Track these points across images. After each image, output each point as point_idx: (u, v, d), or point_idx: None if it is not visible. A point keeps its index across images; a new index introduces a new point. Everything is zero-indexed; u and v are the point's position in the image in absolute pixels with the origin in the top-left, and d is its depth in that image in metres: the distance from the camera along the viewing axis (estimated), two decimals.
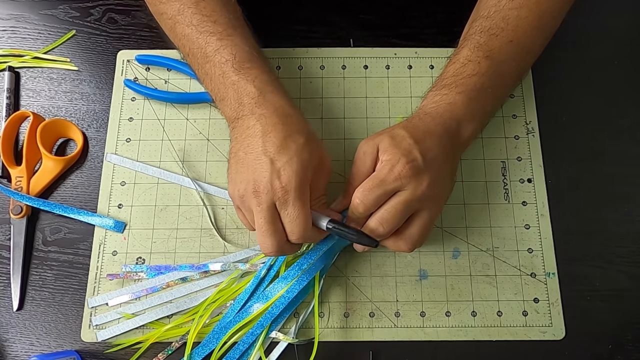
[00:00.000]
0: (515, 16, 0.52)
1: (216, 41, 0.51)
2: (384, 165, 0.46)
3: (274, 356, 0.52)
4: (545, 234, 0.56)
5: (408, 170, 0.46)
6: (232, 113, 0.50)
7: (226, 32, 0.51)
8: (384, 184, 0.46)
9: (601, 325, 0.54)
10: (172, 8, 0.53)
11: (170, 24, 0.54)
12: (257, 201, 0.45)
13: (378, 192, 0.46)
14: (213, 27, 0.51)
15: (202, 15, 0.52)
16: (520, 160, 0.59)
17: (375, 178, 0.46)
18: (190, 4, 0.52)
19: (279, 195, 0.45)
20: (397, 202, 0.46)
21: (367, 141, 0.49)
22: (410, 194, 0.46)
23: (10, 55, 0.64)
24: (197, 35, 0.51)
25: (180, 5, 0.52)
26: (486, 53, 0.51)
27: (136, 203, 0.58)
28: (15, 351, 0.53)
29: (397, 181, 0.46)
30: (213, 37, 0.51)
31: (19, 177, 0.57)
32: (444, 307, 0.54)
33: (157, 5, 0.55)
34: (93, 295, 0.54)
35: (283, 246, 0.46)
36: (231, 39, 0.51)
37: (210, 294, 0.53)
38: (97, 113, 0.62)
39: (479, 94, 0.51)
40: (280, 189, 0.45)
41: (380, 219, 0.46)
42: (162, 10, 0.54)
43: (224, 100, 0.51)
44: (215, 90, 0.52)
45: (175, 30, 0.54)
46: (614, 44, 0.65)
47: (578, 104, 0.62)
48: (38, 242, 0.57)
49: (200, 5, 0.52)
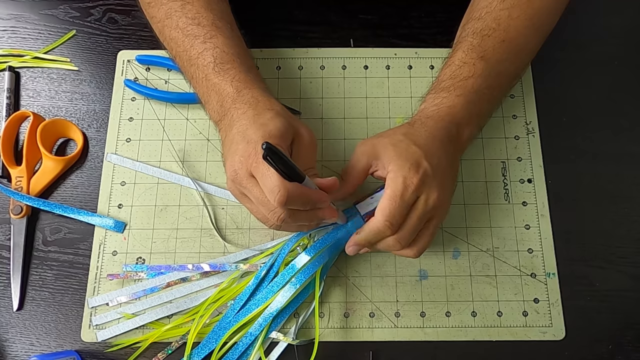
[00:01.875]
0: (507, 16, 0.52)
1: (199, 44, 0.51)
2: (396, 179, 0.46)
3: (274, 356, 0.52)
4: (545, 234, 0.56)
5: (419, 181, 0.46)
6: (216, 115, 0.51)
7: (209, 34, 0.51)
8: (403, 200, 0.45)
9: (601, 325, 0.54)
10: (160, 12, 0.54)
11: (159, 28, 0.55)
12: (238, 181, 0.45)
13: (403, 211, 0.46)
14: (197, 30, 0.52)
15: (187, 18, 0.52)
16: (521, 160, 0.59)
17: (395, 196, 0.45)
18: (177, 7, 0.53)
19: (250, 161, 0.44)
20: (414, 219, 0.46)
21: (365, 142, 0.50)
22: (422, 205, 0.46)
23: (10, 55, 0.64)
24: (182, 38, 0.52)
25: (168, 9, 0.53)
26: (480, 54, 0.51)
27: (136, 203, 0.58)
28: (15, 351, 0.53)
29: (413, 194, 0.46)
30: (197, 40, 0.51)
31: (19, 177, 0.57)
32: (444, 307, 0.54)
33: (147, 9, 0.56)
34: (93, 295, 0.54)
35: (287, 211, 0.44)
36: (213, 41, 0.51)
37: (210, 294, 0.53)
38: (97, 113, 0.62)
39: (477, 96, 0.51)
40: (248, 156, 0.44)
41: (398, 238, 0.47)
42: (152, 14, 0.55)
43: (208, 103, 0.51)
44: (201, 94, 0.52)
45: (163, 34, 0.54)
46: (614, 44, 0.65)
47: (578, 104, 0.62)
48: (38, 242, 0.57)
49: (186, 8, 0.53)
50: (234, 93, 0.49)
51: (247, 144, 0.45)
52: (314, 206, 0.46)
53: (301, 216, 0.46)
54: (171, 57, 0.56)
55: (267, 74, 0.63)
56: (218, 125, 0.51)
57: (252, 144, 0.44)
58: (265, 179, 0.43)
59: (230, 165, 0.46)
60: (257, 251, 0.55)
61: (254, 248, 0.56)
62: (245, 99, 0.48)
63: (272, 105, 0.48)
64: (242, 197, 0.48)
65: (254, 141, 0.44)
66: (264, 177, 0.43)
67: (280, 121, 0.46)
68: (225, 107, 0.49)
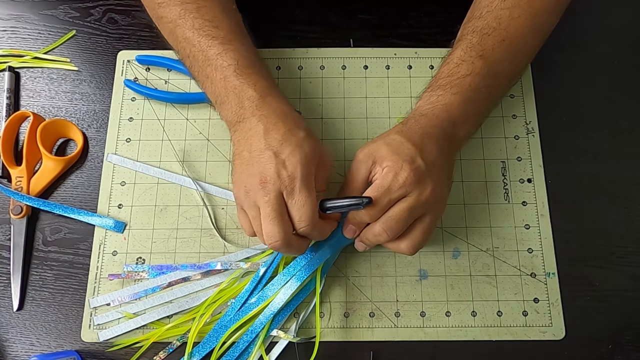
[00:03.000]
0: (508, 16, 0.52)
1: (218, 45, 0.51)
2: (387, 173, 0.46)
3: (275, 355, 0.52)
4: (545, 234, 0.56)
5: (412, 177, 0.46)
6: (233, 117, 0.50)
7: (228, 37, 0.51)
8: (389, 193, 0.46)
9: (601, 325, 0.54)
10: (173, 12, 0.53)
11: (170, 27, 0.54)
12: (264, 192, 0.45)
13: (384, 202, 0.46)
14: (215, 32, 0.52)
15: (204, 20, 0.52)
16: (520, 160, 0.59)
17: (380, 187, 0.46)
18: (192, 9, 0.52)
19: (286, 184, 0.45)
20: (401, 209, 0.46)
21: (362, 149, 0.49)
22: (414, 200, 0.46)
23: (10, 56, 0.64)
24: (198, 38, 0.52)
25: (181, 10, 0.53)
26: (479, 53, 0.51)
27: (136, 203, 0.58)
28: (16, 351, 0.53)
29: (402, 189, 0.46)
30: (215, 41, 0.51)
31: (19, 177, 0.57)
32: (444, 307, 0.54)
33: (156, 9, 0.55)
34: (93, 295, 0.54)
35: (290, 238, 0.46)
36: (233, 44, 0.51)
37: (211, 293, 0.53)
38: (97, 113, 0.62)
39: (474, 94, 0.51)
40: (287, 177, 0.45)
41: (384, 226, 0.47)
42: (161, 14, 0.55)
43: (225, 104, 0.51)
44: (216, 94, 0.52)
45: (175, 33, 0.54)
46: (614, 44, 0.65)
47: (578, 104, 0.62)
48: (38, 242, 0.57)
49: (202, 10, 0.52)
50: (257, 97, 0.49)
51: (276, 156, 0.46)
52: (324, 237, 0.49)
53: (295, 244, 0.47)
54: (180, 57, 0.55)
55: None
56: (235, 126, 0.50)
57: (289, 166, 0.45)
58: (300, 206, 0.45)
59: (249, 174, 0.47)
60: (258, 250, 0.55)
61: (254, 248, 0.56)
62: (272, 107, 0.49)
63: (300, 122, 0.49)
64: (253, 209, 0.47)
65: (292, 164, 0.45)
66: (297, 204, 0.45)
67: (312, 144, 0.47)
68: (246, 109, 0.49)
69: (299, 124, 0.49)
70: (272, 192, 0.45)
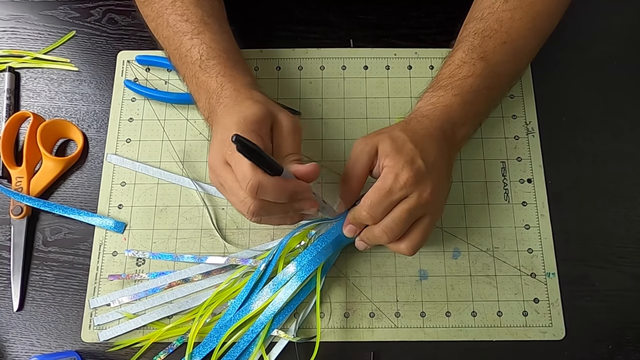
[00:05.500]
0: (509, 18, 0.52)
1: (187, 41, 0.51)
2: (388, 174, 0.46)
3: (275, 354, 0.52)
4: (545, 234, 0.56)
5: (412, 178, 0.45)
6: (205, 113, 0.51)
7: (197, 31, 0.51)
8: (390, 195, 0.46)
9: (601, 325, 0.54)
10: (153, 10, 0.54)
11: (153, 27, 0.55)
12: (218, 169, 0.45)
13: (385, 204, 0.46)
14: (185, 26, 0.52)
15: (176, 15, 0.52)
16: (520, 160, 0.59)
17: (382, 189, 0.46)
18: (167, 5, 0.53)
19: (225, 149, 0.44)
20: (402, 211, 0.46)
21: (365, 139, 0.49)
22: (414, 201, 0.46)
23: (10, 56, 0.64)
24: (173, 36, 0.52)
25: (159, 7, 0.53)
26: (480, 54, 0.51)
27: (136, 203, 0.58)
28: (16, 351, 0.53)
29: (403, 190, 0.46)
30: (185, 37, 0.51)
31: (19, 178, 0.57)
32: (444, 307, 0.54)
33: (141, 8, 0.56)
34: (93, 295, 0.54)
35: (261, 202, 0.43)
36: (200, 37, 0.51)
37: (211, 294, 0.53)
38: (97, 113, 0.62)
39: (474, 96, 0.51)
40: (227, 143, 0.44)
41: (385, 228, 0.47)
42: (145, 12, 0.55)
43: (198, 101, 0.52)
44: (192, 92, 0.53)
45: (157, 32, 0.54)
46: (613, 44, 0.65)
47: (578, 104, 0.62)
48: (38, 243, 0.57)
49: (176, 4, 0.53)
50: (218, 89, 0.49)
51: (223, 132, 0.45)
52: (291, 199, 0.44)
53: (275, 208, 0.45)
54: (166, 56, 0.56)
55: (267, 74, 0.63)
56: (207, 122, 0.51)
57: (227, 132, 0.44)
58: (237, 167, 0.43)
59: (210, 156, 0.46)
60: (258, 251, 0.55)
61: (254, 248, 0.56)
62: (227, 92, 0.48)
63: (251, 95, 0.48)
64: (220, 188, 0.47)
65: (228, 128, 0.44)
66: (236, 165, 0.43)
67: (257, 107, 0.46)
68: (211, 104, 0.49)
69: (249, 96, 0.47)
70: (219, 165, 0.45)
